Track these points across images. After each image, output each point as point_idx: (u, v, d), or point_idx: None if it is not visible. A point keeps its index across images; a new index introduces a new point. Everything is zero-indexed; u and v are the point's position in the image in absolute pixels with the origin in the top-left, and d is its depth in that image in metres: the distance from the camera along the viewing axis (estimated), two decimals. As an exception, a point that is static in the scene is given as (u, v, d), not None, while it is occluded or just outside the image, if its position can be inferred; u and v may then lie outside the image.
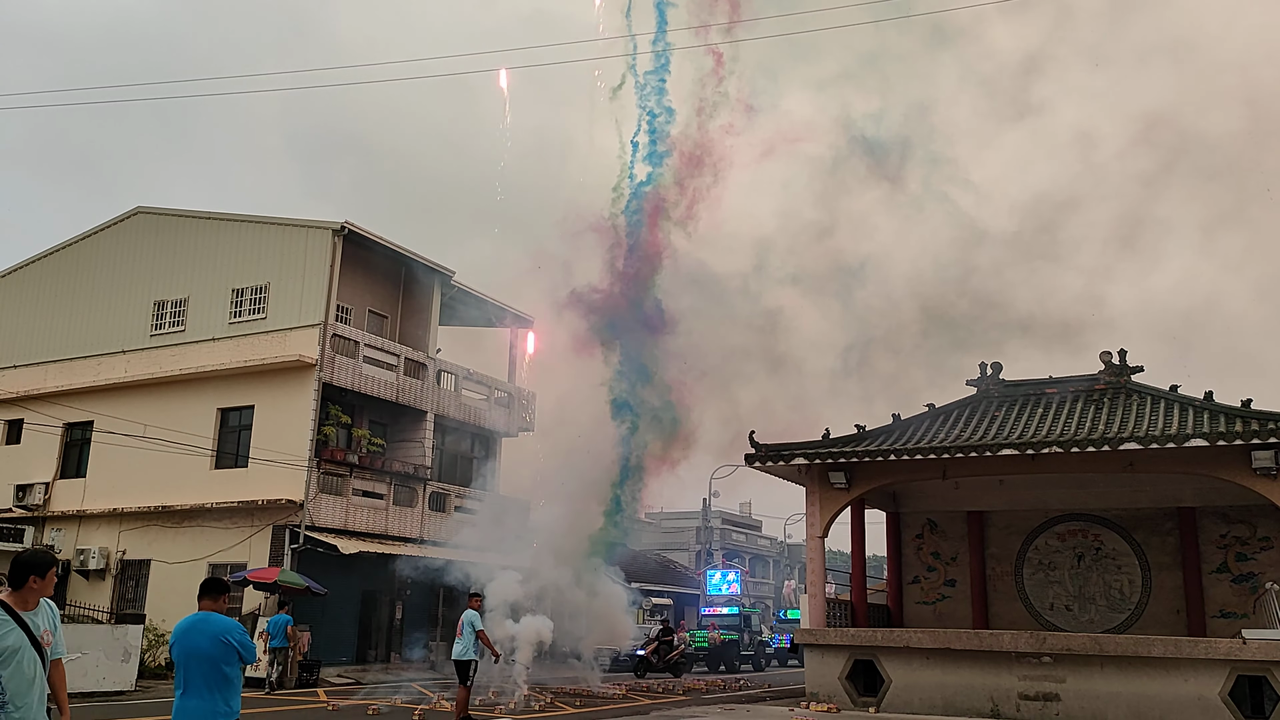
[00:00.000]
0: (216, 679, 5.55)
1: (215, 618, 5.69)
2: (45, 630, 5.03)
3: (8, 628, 4.85)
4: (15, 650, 4.83)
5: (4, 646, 4.81)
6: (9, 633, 4.84)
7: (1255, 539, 18.51)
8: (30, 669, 4.86)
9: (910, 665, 17.07)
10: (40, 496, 28.81)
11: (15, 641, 4.84)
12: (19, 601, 4.98)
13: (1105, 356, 19.44)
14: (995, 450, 17.04)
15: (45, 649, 5.02)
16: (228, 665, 5.60)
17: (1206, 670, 14.99)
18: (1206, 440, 15.50)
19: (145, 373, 28.18)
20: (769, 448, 19.06)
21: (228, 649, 5.59)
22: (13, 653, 4.82)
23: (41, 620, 5.02)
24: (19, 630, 4.87)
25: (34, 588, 5.00)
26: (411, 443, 29.40)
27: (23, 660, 4.83)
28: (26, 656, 4.85)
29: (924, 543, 21.53)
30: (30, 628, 4.92)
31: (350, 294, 28.91)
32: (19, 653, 4.83)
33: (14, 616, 4.90)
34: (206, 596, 5.81)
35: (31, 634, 4.91)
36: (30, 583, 5.00)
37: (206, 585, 5.87)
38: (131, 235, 30.93)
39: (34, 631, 4.93)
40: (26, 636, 4.88)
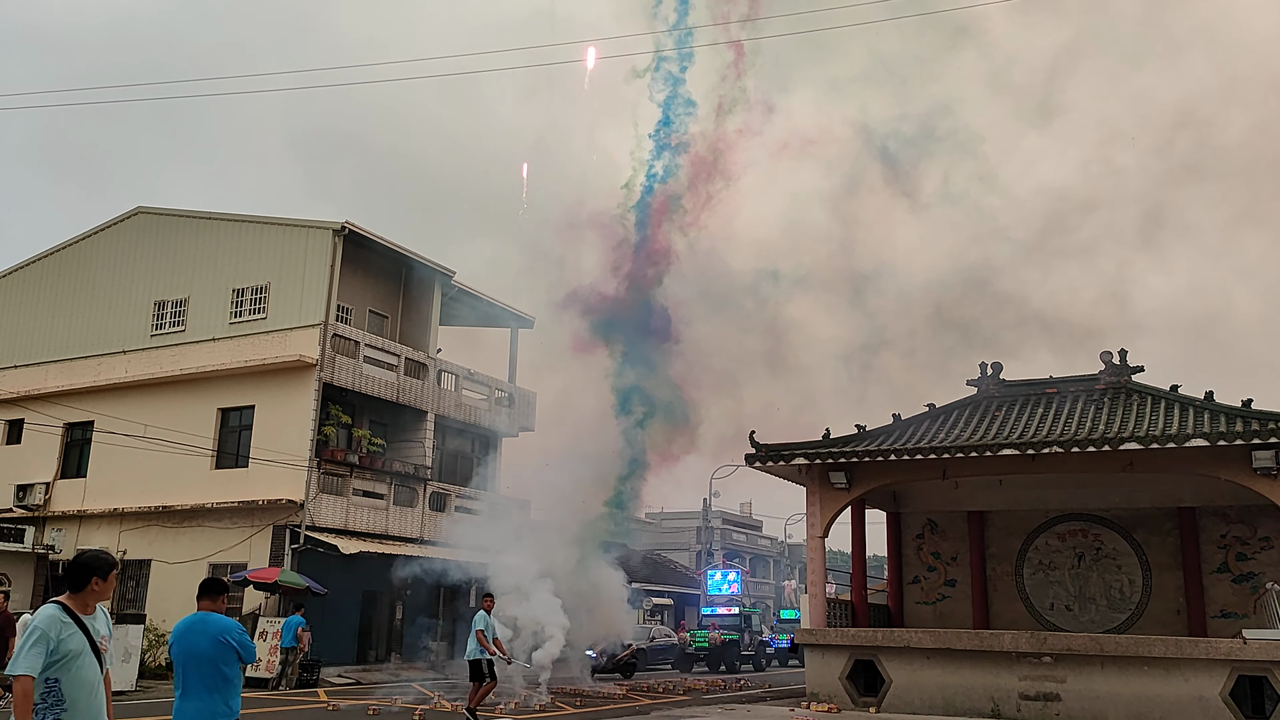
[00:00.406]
0: (216, 679, 5.53)
1: (214, 618, 5.66)
2: (104, 636, 4.82)
3: (70, 630, 4.65)
4: (77, 655, 4.63)
5: (66, 650, 4.60)
6: (71, 636, 4.63)
7: (1256, 539, 18.51)
8: (90, 674, 4.67)
9: (911, 665, 17.07)
10: (41, 496, 28.82)
11: (77, 645, 4.65)
12: (79, 604, 4.77)
13: (1106, 356, 19.45)
14: (995, 450, 17.05)
15: (104, 655, 4.82)
16: (227, 665, 5.57)
17: (1207, 670, 14.99)
18: (1207, 440, 15.50)
19: (146, 373, 28.19)
20: (769, 448, 19.06)
21: (227, 649, 5.56)
22: (74, 657, 4.62)
23: (100, 625, 4.82)
24: (81, 634, 4.67)
25: (95, 590, 4.81)
26: (412, 443, 29.40)
27: (83, 665, 4.64)
28: (87, 662, 4.65)
29: (924, 543, 21.53)
30: (91, 632, 4.72)
31: (351, 294, 28.91)
32: (80, 657, 4.64)
33: (76, 620, 4.70)
34: (206, 597, 5.78)
35: (92, 639, 4.71)
36: (92, 584, 4.80)
37: (205, 585, 5.83)
38: (132, 235, 30.95)
39: (94, 636, 4.73)
40: (87, 641, 4.68)
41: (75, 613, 4.71)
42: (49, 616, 4.64)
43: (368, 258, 29.19)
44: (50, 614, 4.67)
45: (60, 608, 4.70)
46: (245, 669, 6.09)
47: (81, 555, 4.89)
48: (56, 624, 4.62)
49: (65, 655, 4.59)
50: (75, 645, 4.63)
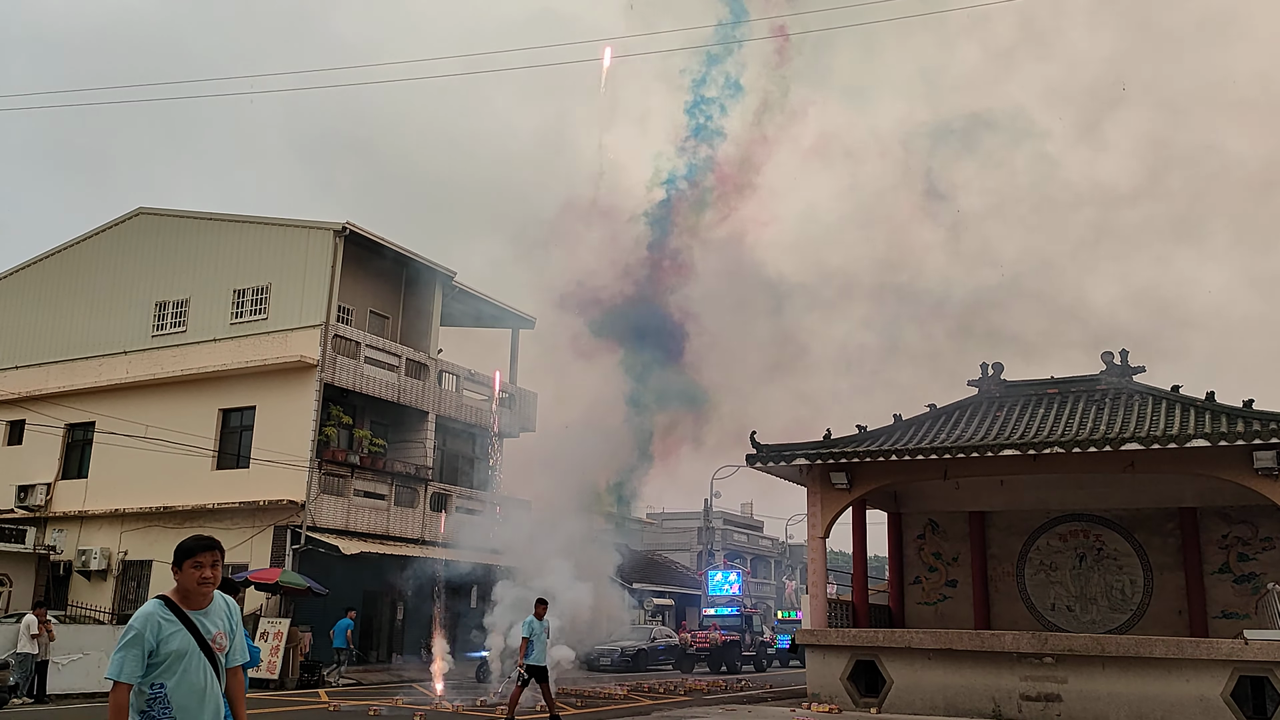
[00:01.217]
0: None
1: None
2: (218, 632, 4.28)
3: (172, 628, 4.14)
4: (181, 655, 4.12)
5: (168, 652, 4.09)
6: (174, 634, 4.12)
7: (1257, 539, 18.49)
8: (199, 677, 4.15)
9: (912, 666, 17.06)
10: (42, 497, 28.83)
11: (181, 645, 4.13)
12: (182, 597, 4.26)
13: (1107, 357, 19.43)
14: (997, 450, 17.03)
15: (219, 654, 4.27)
16: None
17: (1208, 671, 14.97)
18: (1208, 440, 15.48)
19: (147, 373, 28.21)
20: (770, 448, 19.05)
21: None
22: (178, 658, 4.11)
23: (214, 620, 4.29)
24: (186, 632, 4.16)
25: (191, 576, 4.27)
26: (413, 443, 29.41)
27: (190, 668, 4.12)
28: (195, 663, 4.14)
29: (925, 543, 21.50)
30: (199, 629, 4.20)
31: (351, 294, 28.92)
32: (185, 658, 4.12)
33: (180, 615, 4.19)
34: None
35: (201, 636, 4.20)
36: (186, 570, 4.27)
37: (222, 586, 5.82)
38: (133, 236, 30.97)
39: (204, 633, 4.21)
40: (195, 639, 4.17)
41: (179, 607, 4.22)
42: (144, 614, 4.15)
43: (369, 258, 29.20)
44: (147, 611, 4.18)
45: (161, 603, 4.21)
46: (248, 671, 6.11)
47: (184, 541, 4.36)
48: (154, 622, 4.12)
49: (167, 657, 4.10)
50: (179, 645, 4.13)
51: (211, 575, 4.26)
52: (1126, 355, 19.30)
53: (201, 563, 4.23)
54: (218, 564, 4.31)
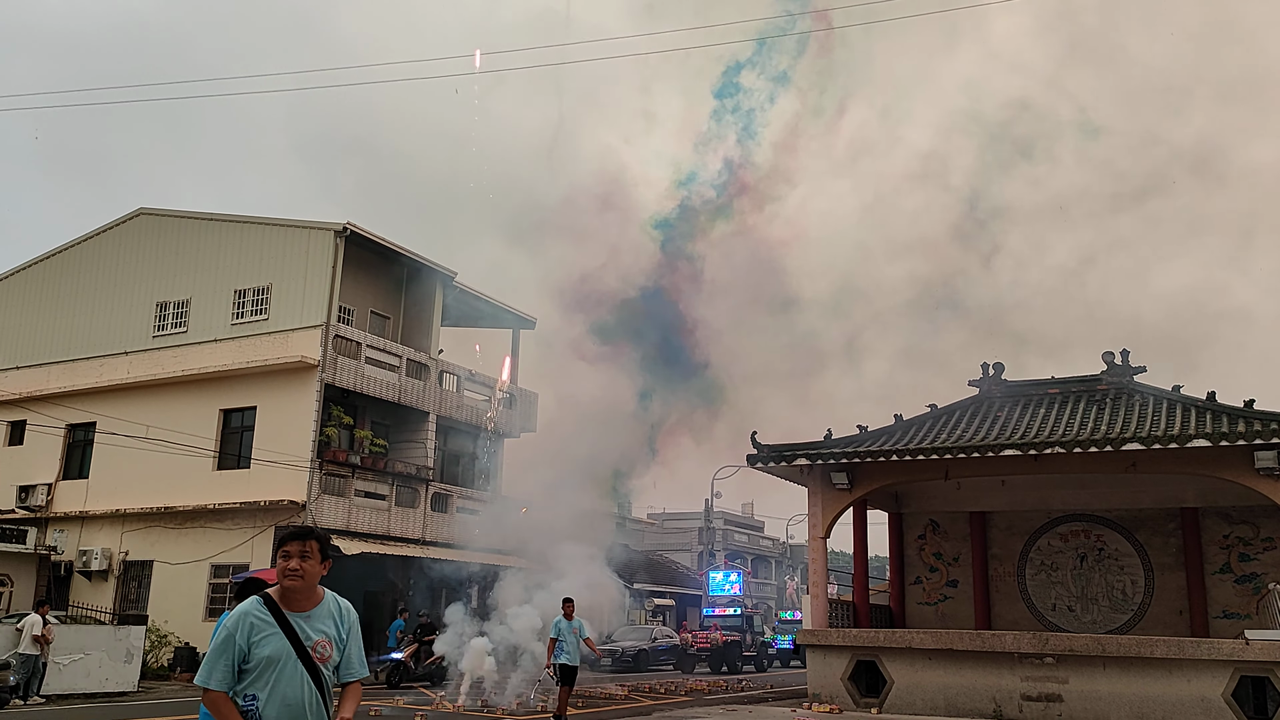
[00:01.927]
0: None
1: None
2: (320, 640, 3.69)
3: (267, 631, 3.62)
4: (274, 662, 3.59)
5: (259, 656, 3.59)
6: (267, 638, 3.61)
7: (1258, 539, 18.48)
8: (297, 690, 3.60)
9: (913, 666, 17.06)
10: (43, 497, 28.84)
11: (275, 650, 3.60)
12: (283, 595, 3.72)
13: (1108, 357, 19.43)
14: (998, 451, 17.03)
15: (322, 665, 3.69)
16: None
17: (1209, 671, 14.97)
18: (1209, 441, 15.48)
19: (147, 374, 28.21)
20: (771, 448, 19.05)
21: None
22: (270, 665, 3.59)
23: (319, 626, 3.71)
24: (282, 635, 3.62)
25: (289, 571, 3.75)
26: (414, 443, 29.41)
27: (282, 679, 3.58)
28: (290, 672, 3.59)
29: (926, 543, 21.50)
30: (298, 633, 3.65)
31: (352, 295, 28.92)
32: (278, 666, 3.59)
33: (278, 616, 3.67)
34: (241, 599, 5.88)
35: (300, 642, 3.64)
36: (279, 559, 3.80)
37: (243, 586, 5.73)
38: (134, 236, 30.97)
39: (303, 639, 3.65)
40: (292, 645, 3.62)
41: (279, 607, 3.69)
42: (238, 613, 3.66)
43: (369, 259, 29.21)
44: (241, 609, 3.69)
45: (259, 601, 3.70)
46: None
47: (288, 530, 3.92)
48: (247, 622, 3.63)
49: (259, 664, 3.59)
50: (272, 650, 3.60)
51: (300, 568, 3.70)
52: (1127, 355, 19.30)
53: (289, 552, 3.71)
54: (310, 555, 3.74)
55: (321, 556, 3.82)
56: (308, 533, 3.84)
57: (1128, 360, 19.24)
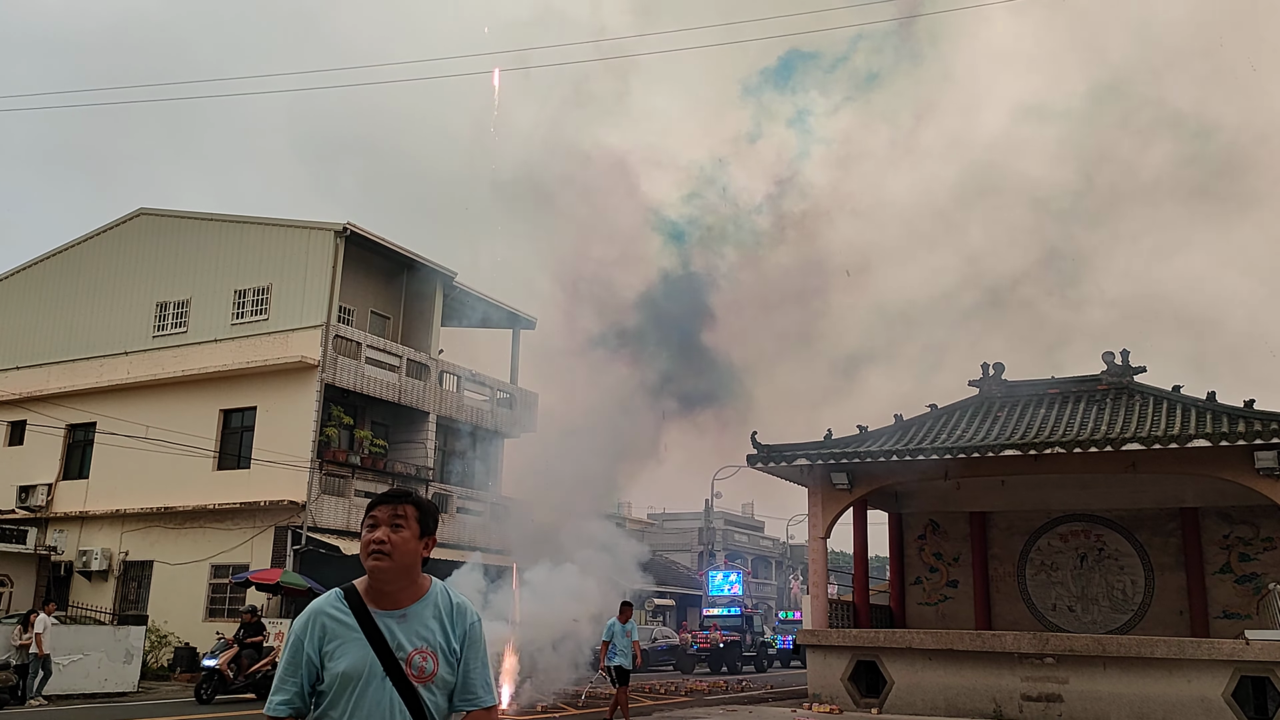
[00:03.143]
0: None
1: None
2: (417, 650, 2.64)
3: (346, 635, 2.62)
4: (352, 680, 2.59)
5: (334, 672, 2.60)
6: (346, 645, 2.61)
7: (1258, 539, 18.47)
8: (384, 711, 2.59)
9: (913, 666, 17.05)
10: (43, 498, 28.84)
11: (354, 663, 2.59)
12: (369, 588, 2.70)
13: (1108, 357, 19.42)
14: (998, 451, 17.02)
15: (421, 687, 2.63)
16: None
17: (1209, 671, 14.96)
18: (1209, 441, 15.48)
19: (148, 374, 28.21)
20: (771, 448, 19.05)
21: None
22: (345, 684, 2.59)
23: (417, 628, 2.67)
24: (365, 643, 2.61)
25: (374, 551, 2.67)
26: (414, 444, 29.41)
27: (364, 700, 2.57)
28: (375, 695, 2.57)
29: (926, 543, 21.49)
30: (388, 640, 2.62)
31: (352, 295, 28.92)
32: (357, 686, 2.58)
33: (361, 616, 2.65)
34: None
35: (391, 653, 2.61)
36: (367, 526, 2.72)
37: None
38: (134, 236, 30.98)
39: (393, 648, 2.62)
40: (377, 656, 2.60)
41: (363, 604, 2.68)
42: (307, 613, 2.71)
43: (369, 259, 29.21)
44: (314, 606, 2.73)
45: (339, 595, 2.71)
46: None
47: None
48: (319, 624, 2.65)
49: (334, 682, 2.60)
50: (351, 663, 2.60)
51: (388, 540, 2.63)
52: (1127, 355, 19.30)
53: (376, 519, 2.68)
54: (405, 525, 2.68)
55: (421, 530, 2.71)
56: (404, 495, 2.76)
57: (1128, 360, 19.24)
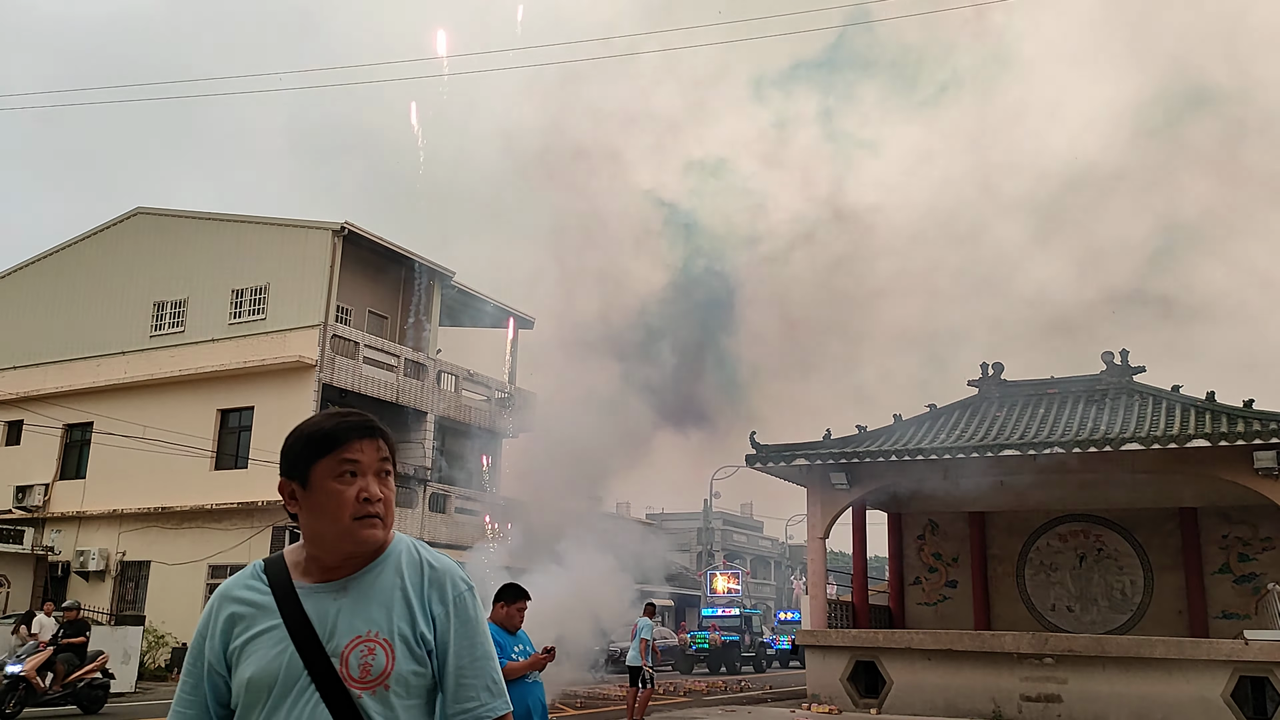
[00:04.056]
0: None
1: None
2: (362, 637, 1.87)
3: (261, 626, 1.89)
4: (264, 690, 1.84)
5: (239, 681, 1.88)
6: (257, 640, 1.88)
7: (1257, 539, 18.47)
8: None
9: (912, 666, 17.03)
10: (40, 498, 28.78)
11: (265, 667, 1.85)
12: (310, 561, 1.98)
13: (1107, 357, 19.42)
14: (996, 451, 17.01)
15: (367, 694, 1.84)
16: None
17: (1208, 671, 14.95)
18: (1208, 441, 15.47)
19: (145, 373, 28.16)
20: (770, 448, 19.03)
21: None
22: (257, 697, 1.85)
23: (360, 609, 1.91)
24: (283, 633, 1.87)
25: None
26: (412, 444, 29.37)
27: (283, 715, 1.84)
28: (297, 709, 1.83)
29: (925, 543, 21.48)
30: (316, 626, 1.88)
31: (350, 294, 28.88)
32: (271, 697, 1.85)
33: (281, 594, 1.91)
34: (498, 601, 6.10)
35: (318, 643, 1.86)
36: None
37: (500, 591, 6.14)
38: (131, 236, 30.92)
39: (323, 637, 1.87)
40: (299, 652, 1.85)
41: (289, 576, 1.98)
42: (213, 597, 2.01)
43: (367, 258, 29.17)
44: (218, 592, 2.01)
45: (257, 568, 2.03)
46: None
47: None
48: (223, 614, 1.94)
49: (239, 693, 1.91)
50: (258, 668, 1.86)
51: (385, 497, 1.99)
52: (1127, 355, 19.29)
53: (359, 464, 1.95)
54: (392, 472, 2.03)
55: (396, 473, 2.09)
56: (377, 426, 2.03)
57: (1127, 360, 19.23)
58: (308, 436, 2.01)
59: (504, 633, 6.07)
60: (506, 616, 6.19)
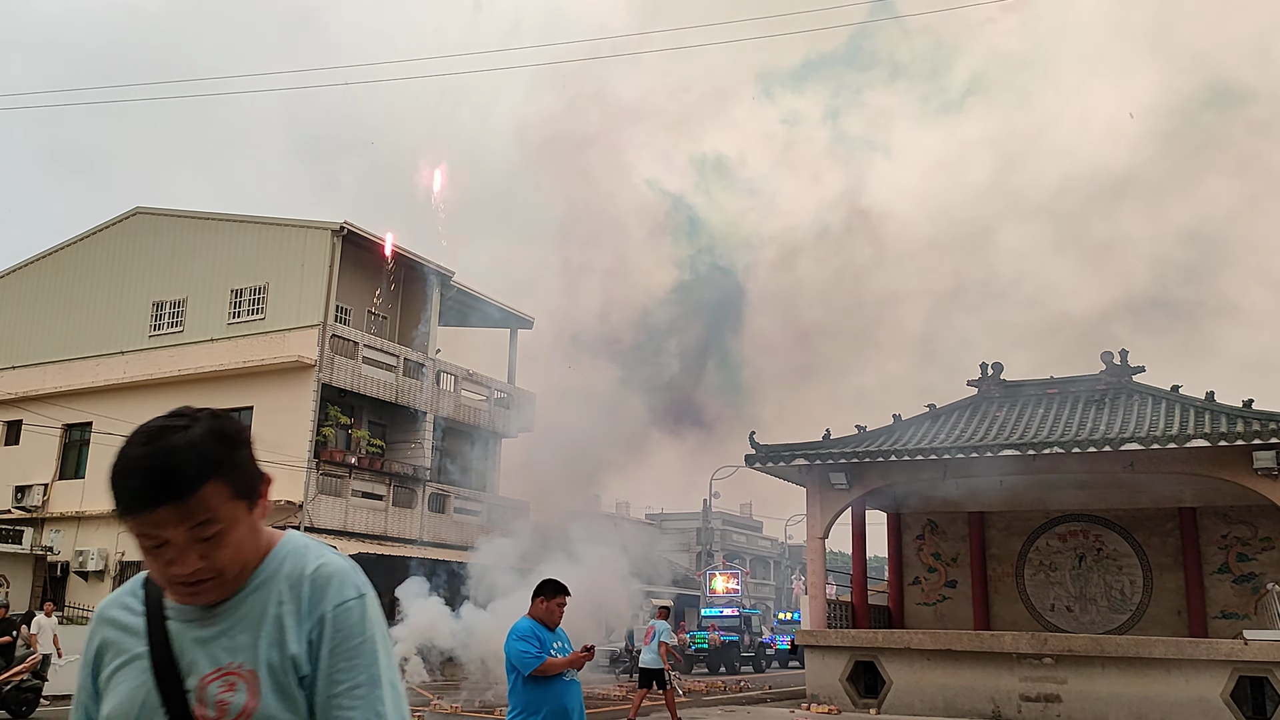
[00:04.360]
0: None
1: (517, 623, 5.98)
2: (222, 670, 1.57)
3: (129, 654, 1.62)
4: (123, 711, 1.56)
5: (102, 715, 1.60)
6: (124, 670, 1.62)
7: (1256, 539, 18.47)
8: None
9: (911, 666, 17.03)
10: (39, 498, 28.76)
11: (122, 703, 1.57)
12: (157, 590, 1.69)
13: (1106, 357, 19.42)
14: (996, 451, 17.01)
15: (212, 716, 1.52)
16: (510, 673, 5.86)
17: (1208, 671, 14.95)
18: (1207, 441, 15.47)
19: (144, 373, 28.14)
20: (769, 448, 19.03)
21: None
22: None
23: (225, 638, 1.61)
24: (145, 664, 1.59)
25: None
26: (411, 443, 29.36)
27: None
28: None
29: (925, 543, 21.48)
30: (178, 657, 1.59)
31: (349, 294, 28.86)
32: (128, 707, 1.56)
33: (152, 616, 1.64)
34: (537, 596, 6.07)
35: (177, 677, 1.56)
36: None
37: (540, 586, 6.10)
38: (130, 236, 30.90)
39: (183, 670, 1.57)
40: (158, 686, 1.56)
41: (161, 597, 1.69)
42: (94, 615, 1.76)
43: (366, 258, 29.15)
44: (98, 609, 1.74)
45: (137, 584, 1.74)
46: (521, 677, 5.81)
47: None
48: (97, 638, 1.65)
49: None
50: (116, 703, 1.59)
51: (206, 564, 1.64)
52: (1126, 355, 19.29)
53: (148, 536, 1.58)
54: (214, 521, 1.69)
55: (239, 493, 1.79)
56: (176, 483, 1.64)
57: (1126, 360, 19.23)
58: (110, 485, 1.61)
59: (543, 628, 6.02)
60: (546, 612, 6.08)
